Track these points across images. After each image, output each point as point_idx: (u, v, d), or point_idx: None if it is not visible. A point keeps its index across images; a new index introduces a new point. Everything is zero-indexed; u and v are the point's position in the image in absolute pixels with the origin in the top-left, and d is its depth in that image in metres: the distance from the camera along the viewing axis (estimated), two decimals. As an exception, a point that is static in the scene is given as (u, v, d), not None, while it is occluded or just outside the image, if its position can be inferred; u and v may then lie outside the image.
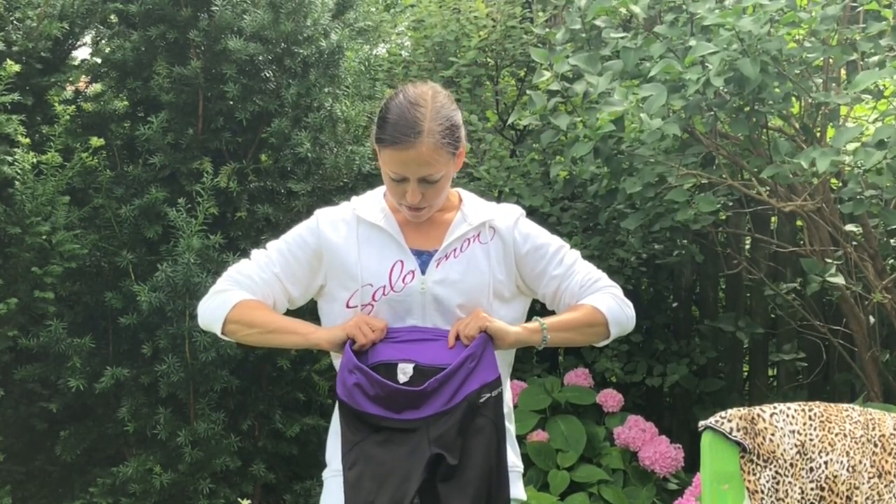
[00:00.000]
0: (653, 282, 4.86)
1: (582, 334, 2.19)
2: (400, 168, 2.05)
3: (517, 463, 2.21)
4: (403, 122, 2.04)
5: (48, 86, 3.75)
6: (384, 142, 2.05)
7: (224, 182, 3.62)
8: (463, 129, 2.14)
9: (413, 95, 2.08)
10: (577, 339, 2.22)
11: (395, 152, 2.04)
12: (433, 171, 2.06)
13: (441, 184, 2.10)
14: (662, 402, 4.81)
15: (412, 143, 2.02)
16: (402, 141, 2.02)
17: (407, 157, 2.03)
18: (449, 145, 2.07)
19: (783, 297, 4.30)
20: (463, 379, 2.01)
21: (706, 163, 3.81)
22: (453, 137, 2.08)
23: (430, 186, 2.08)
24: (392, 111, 2.06)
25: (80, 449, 3.63)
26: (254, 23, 3.67)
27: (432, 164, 2.04)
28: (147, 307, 3.41)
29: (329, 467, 2.19)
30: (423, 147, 2.03)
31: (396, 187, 2.09)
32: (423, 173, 2.05)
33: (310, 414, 3.74)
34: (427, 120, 2.04)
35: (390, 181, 2.09)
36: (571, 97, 3.68)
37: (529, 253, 2.19)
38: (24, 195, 3.40)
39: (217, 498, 3.51)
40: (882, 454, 2.20)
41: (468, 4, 4.65)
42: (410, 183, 2.06)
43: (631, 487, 3.74)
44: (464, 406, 1.98)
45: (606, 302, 2.18)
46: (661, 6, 3.66)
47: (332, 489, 2.16)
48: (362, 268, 2.11)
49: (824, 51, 3.33)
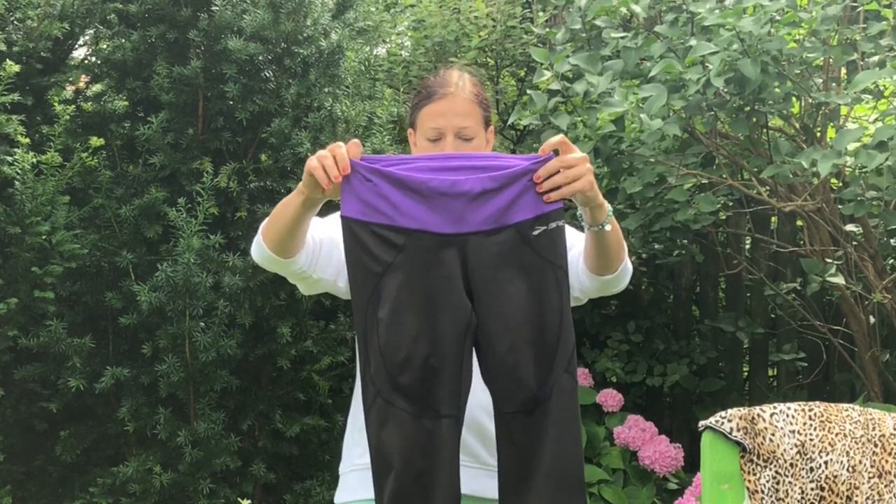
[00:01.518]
0: (653, 282, 4.86)
1: (619, 244, 2.11)
2: (437, 120, 2.16)
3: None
4: (438, 82, 2.22)
5: (48, 86, 3.75)
6: (421, 101, 2.20)
7: (224, 182, 3.62)
8: (492, 112, 2.32)
9: (444, 68, 2.30)
10: (613, 246, 2.09)
11: (432, 105, 2.18)
12: (468, 124, 2.16)
13: (475, 146, 2.18)
14: (662, 402, 4.81)
15: (447, 94, 2.18)
16: (437, 93, 2.18)
17: (443, 107, 2.16)
18: (480, 107, 2.21)
19: (783, 297, 4.30)
20: (516, 195, 1.78)
21: (706, 163, 3.81)
22: (484, 105, 2.23)
23: (466, 145, 2.16)
24: (427, 81, 2.26)
25: (80, 449, 3.63)
26: (254, 23, 3.67)
27: (467, 115, 2.17)
28: (147, 307, 3.41)
29: (346, 461, 2.18)
30: (458, 98, 2.17)
31: (433, 150, 2.16)
32: (459, 124, 2.15)
33: (310, 414, 3.74)
34: (458, 79, 2.21)
35: (427, 148, 2.17)
36: (572, 97, 3.68)
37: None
38: (23, 195, 3.40)
39: (217, 498, 3.51)
40: (882, 454, 2.20)
41: (468, 4, 4.65)
42: (447, 140, 2.15)
43: (631, 487, 3.75)
44: (512, 233, 1.78)
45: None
46: (662, 6, 3.66)
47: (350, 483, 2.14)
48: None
49: (825, 51, 3.33)
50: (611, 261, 2.12)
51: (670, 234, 4.19)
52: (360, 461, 2.12)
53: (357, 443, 2.15)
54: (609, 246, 2.09)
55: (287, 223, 2.03)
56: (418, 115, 2.20)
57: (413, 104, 2.25)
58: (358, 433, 2.15)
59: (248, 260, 3.51)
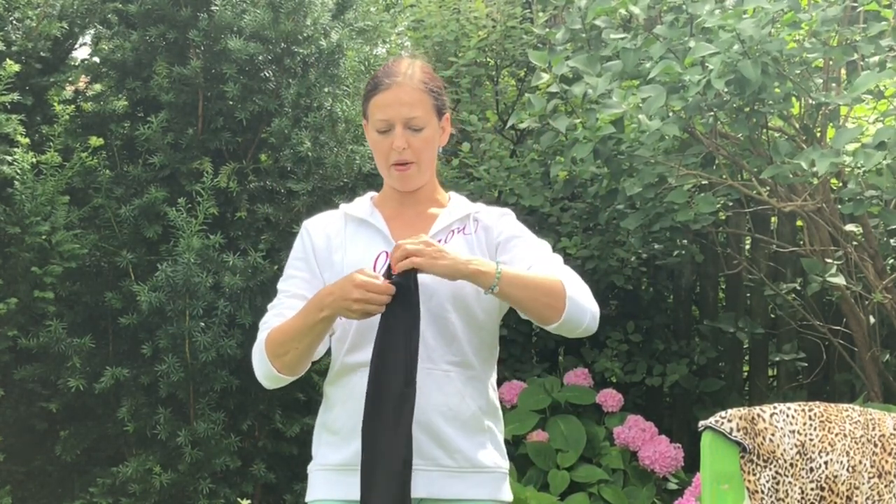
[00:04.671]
0: (653, 282, 4.87)
1: (534, 298, 2.02)
2: (384, 112, 2.12)
3: (501, 464, 2.16)
4: (386, 71, 2.17)
5: (48, 86, 3.75)
6: (369, 92, 2.16)
7: (224, 182, 3.62)
8: (447, 98, 2.23)
9: (394, 59, 2.25)
10: (528, 302, 2.02)
11: (379, 96, 2.14)
12: (417, 114, 2.12)
13: (426, 136, 2.14)
14: (662, 402, 4.81)
15: (393, 84, 2.13)
16: (384, 84, 2.14)
17: (389, 98, 2.12)
18: (430, 94, 2.15)
19: (783, 297, 4.30)
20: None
21: (706, 163, 3.81)
22: (434, 92, 2.17)
23: (416, 135, 2.13)
24: (377, 71, 2.21)
25: (80, 449, 3.63)
26: (253, 22, 3.67)
27: (415, 105, 2.12)
28: (147, 307, 3.41)
29: (314, 461, 2.20)
30: (405, 88, 2.13)
31: (383, 142, 2.14)
32: (407, 114, 2.11)
33: (310, 414, 3.74)
34: (406, 67, 2.17)
35: (378, 140, 2.15)
36: (570, 99, 3.69)
37: (509, 240, 2.17)
38: (23, 195, 3.40)
39: (217, 498, 3.51)
40: (882, 454, 2.20)
41: (468, 4, 4.66)
42: (396, 130, 2.12)
43: (631, 487, 3.75)
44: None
45: (573, 282, 2.07)
46: (661, 6, 3.66)
47: (316, 482, 2.17)
48: (348, 260, 2.13)
49: (825, 51, 3.33)
50: (540, 313, 2.04)
51: (670, 234, 4.19)
52: (325, 461, 2.15)
53: (322, 442, 2.17)
54: (522, 302, 2.02)
55: (316, 342, 2.10)
56: (368, 106, 2.17)
57: (364, 95, 2.20)
58: (325, 433, 2.16)
59: (248, 260, 3.51)
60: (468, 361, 2.11)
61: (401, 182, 2.17)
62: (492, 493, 2.12)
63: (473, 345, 2.12)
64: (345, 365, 2.13)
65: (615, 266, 4.37)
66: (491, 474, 2.13)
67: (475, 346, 2.12)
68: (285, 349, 2.08)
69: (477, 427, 2.12)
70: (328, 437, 2.16)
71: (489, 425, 2.15)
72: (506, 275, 2.00)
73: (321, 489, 2.14)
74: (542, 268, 2.09)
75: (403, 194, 2.21)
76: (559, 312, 2.02)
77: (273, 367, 2.10)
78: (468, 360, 2.11)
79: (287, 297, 2.16)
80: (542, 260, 2.13)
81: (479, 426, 2.12)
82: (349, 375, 2.12)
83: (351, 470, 2.05)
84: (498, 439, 2.18)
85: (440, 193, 2.26)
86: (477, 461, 2.10)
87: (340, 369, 2.15)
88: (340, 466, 2.11)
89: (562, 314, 2.02)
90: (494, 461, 2.15)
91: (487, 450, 2.14)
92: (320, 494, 2.14)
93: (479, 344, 2.13)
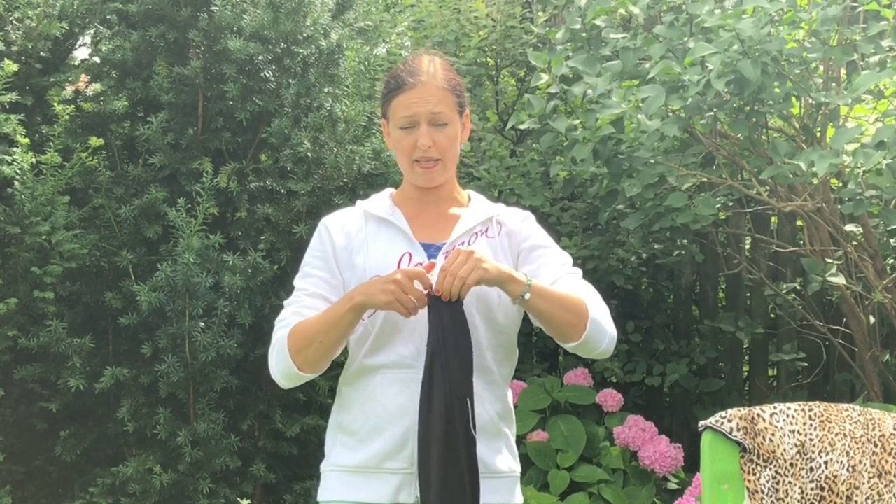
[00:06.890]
0: (653, 282, 4.87)
1: (559, 314, 2.04)
2: (408, 109, 2.12)
3: (514, 468, 2.18)
4: (407, 70, 2.16)
5: (48, 86, 3.75)
6: (391, 92, 2.15)
7: (224, 182, 3.62)
8: (467, 96, 2.23)
9: (413, 55, 2.23)
10: (553, 317, 2.05)
11: (402, 96, 2.13)
12: (440, 111, 2.12)
13: (450, 133, 2.14)
14: (662, 402, 4.81)
15: (417, 83, 2.13)
16: (407, 83, 2.13)
17: (414, 96, 2.12)
18: (453, 93, 2.16)
19: (783, 297, 4.30)
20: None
21: (706, 163, 3.81)
22: (456, 90, 2.18)
23: (440, 131, 2.12)
24: (395, 70, 2.19)
25: (80, 449, 3.63)
26: (253, 22, 3.67)
27: (438, 102, 2.12)
28: (147, 307, 3.41)
29: (328, 460, 2.19)
30: (429, 86, 2.13)
31: (407, 138, 2.13)
32: (431, 110, 2.11)
33: (310, 414, 3.74)
34: (427, 65, 2.17)
35: (401, 137, 2.14)
36: (570, 99, 3.69)
37: (533, 249, 2.18)
38: (23, 195, 3.40)
39: (217, 498, 3.51)
40: (882, 454, 2.20)
41: (468, 4, 4.66)
42: (421, 127, 2.11)
43: (631, 487, 3.75)
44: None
45: (596, 303, 2.10)
46: (661, 6, 3.66)
47: (329, 483, 2.16)
48: (371, 261, 2.12)
49: (825, 51, 3.33)
50: (562, 330, 2.06)
51: (670, 234, 4.19)
52: (340, 461, 2.13)
53: (337, 443, 2.16)
54: (546, 315, 2.04)
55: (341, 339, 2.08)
56: (390, 105, 2.16)
57: (384, 94, 2.19)
58: (341, 433, 2.15)
59: (248, 260, 3.51)
60: (487, 366, 2.11)
61: (425, 179, 2.16)
62: (505, 497, 2.13)
63: (493, 349, 2.12)
64: (363, 366, 2.12)
65: (615, 266, 4.37)
66: (505, 479, 2.14)
67: (494, 350, 2.13)
68: (308, 343, 2.07)
69: (494, 432, 2.13)
70: (344, 437, 2.14)
71: (505, 430, 2.17)
72: (535, 285, 2.02)
73: (337, 490, 2.13)
74: (566, 284, 2.11)
75: (424, 191, 2.20)
76: (580, 332, 2.06)
77: (294, 363, 2.09)
78: (487, 364, 2.11)
79: (306, 296, 2.15)
80: (567, 276, 2.14)
81: (496, 431, 2.14)
82: (369, 377, 2.11)
83: (367, 472, 2.06)
84: (511, 443, 2.20)
85: (459, 191, 2.27)
86: (494, 467, 2.11)
87: (359, 369, 2.13)
88: (356, 468, 2.11)
89: (582, 334, 2.06)
90: (509, 466, 2.16)
91: (503, 455, 2.15)
92: (336, 495, 2.12)
93: (497, 348, 2.14)
